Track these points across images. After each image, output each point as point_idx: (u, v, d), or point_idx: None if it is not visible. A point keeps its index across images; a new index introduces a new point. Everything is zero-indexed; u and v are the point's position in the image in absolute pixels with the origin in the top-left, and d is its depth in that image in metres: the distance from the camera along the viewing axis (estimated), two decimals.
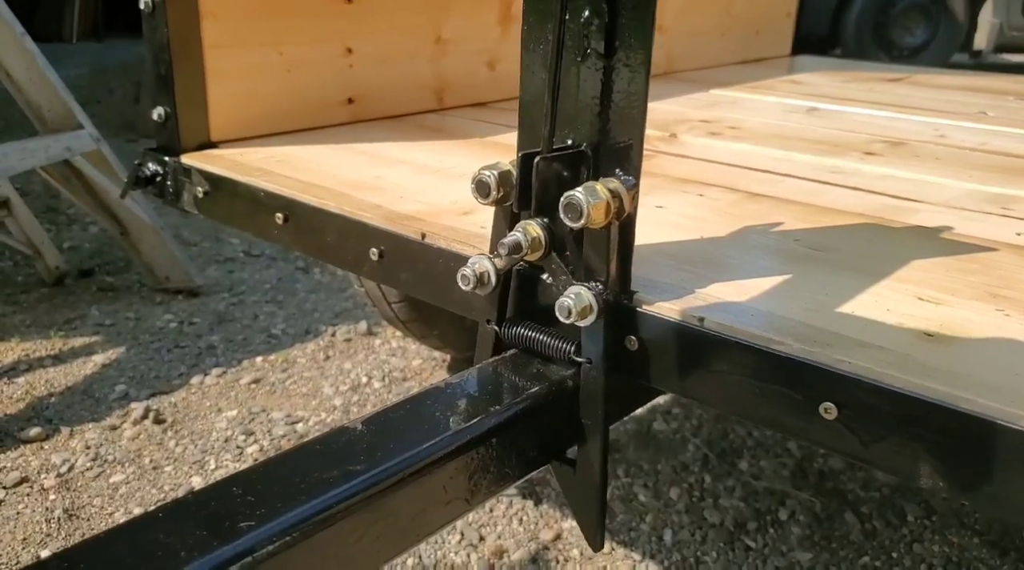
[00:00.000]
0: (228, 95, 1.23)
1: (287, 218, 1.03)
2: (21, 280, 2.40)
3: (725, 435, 1.75)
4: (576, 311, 0.67)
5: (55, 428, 1.65)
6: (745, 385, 0.66)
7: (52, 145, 2.10)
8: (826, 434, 0.62)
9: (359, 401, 1.84)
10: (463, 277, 0.72)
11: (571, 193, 0.65)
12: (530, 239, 0.72)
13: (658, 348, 0.70)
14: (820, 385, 0.61)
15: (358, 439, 0.60)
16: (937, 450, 0.57)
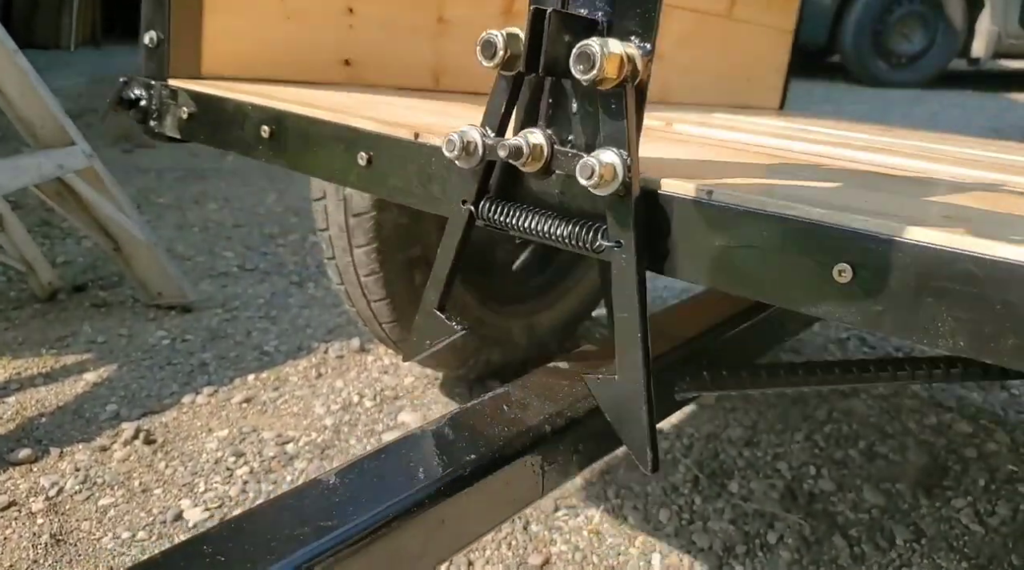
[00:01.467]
0: (224, 31, 1.22)
1: (273, 132, 1.03)
2: (14, 296, 2.40)
3: (716, 455, 1.75)
4: (599, 172, 0.64)
5: (45, 449, 1.65)
6: (757, 258, 0.64)
7: (44, 162, 2.10)
8: (839, 301, 0.60)
9: (350, 421, 1.84)
10: (448, 142, 0.70)
11: (585, 42, 0.63)
12: (531, 146, 0.69)
13: (664, 228, 0.68)
14: (835, 246, 0.59)
15: (331, 492, 0.60)
16: (959, 304, 0.55)
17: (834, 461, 1.75)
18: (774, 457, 1.75)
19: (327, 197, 1.64)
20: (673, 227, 0.67)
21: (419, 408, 1.91)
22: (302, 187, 3.78)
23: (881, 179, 0.88)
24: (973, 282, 0.53)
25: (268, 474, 1.62)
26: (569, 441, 0.69)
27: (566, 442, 0.69)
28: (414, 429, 0.70)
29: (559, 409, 0.70)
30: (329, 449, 1.72)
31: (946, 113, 6.63)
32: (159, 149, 4.30)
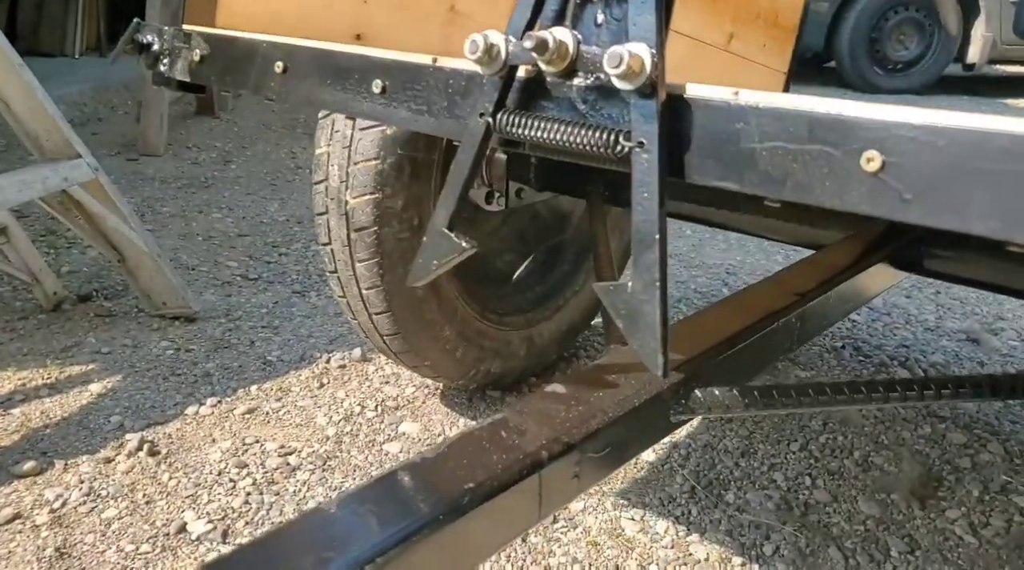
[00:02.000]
0: None
1: (286, 68, 1.03)
2: (19, 306, 2.42)
3: (713, 465, 1.77)
4: (627, 62, 0.64)
5: (49, 461, 1.67)
6: (779, 156, 0.64)
7: (50, 176, 2.12)
8: (867, 191, 0.60)
9: (352, 431, 1.86)
10: (471, 43, 0.71)
11: None
12: (557, 41, 0.70)
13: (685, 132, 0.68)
14: (863, 135, 0.60)
15: (332, 522, 0.62)
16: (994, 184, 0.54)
17: (829, 471, 1.77)
18: (770, 467, 1.77)
19: (329, 212, 1.66)
20: (698, 130, 0.67)
21: (420, 418, 1.93)
22: (304, 196, 3.80)
23: None
24: (1009, 160, 0.53)
25: (271, 485, 1.64)
26: (566, 466, 0.72)
27: (563, 467, 0.71)
28: (412, 457, 0.72)
29: (556, 435, 0.72)
30: (331, 460, 1.74)
31: None
32: (163, 158, 4.33)
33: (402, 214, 1.63)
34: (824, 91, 7.75)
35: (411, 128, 0.91)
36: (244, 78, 1.09)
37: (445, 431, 1.88)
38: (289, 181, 4.14)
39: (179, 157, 4.40)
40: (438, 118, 0.87)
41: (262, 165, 4.42)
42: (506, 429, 0.74)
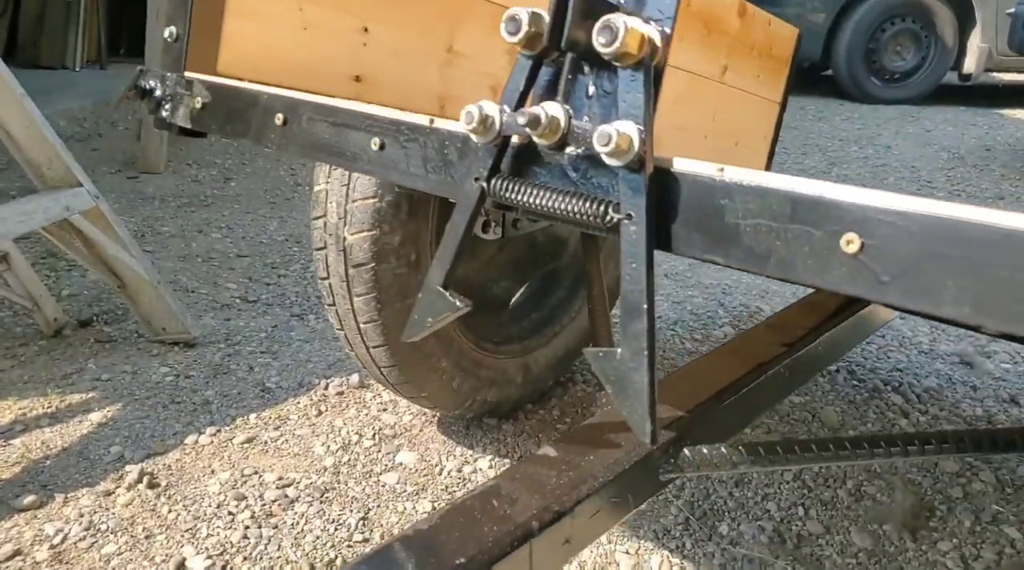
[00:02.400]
0: (242, 33, 1.26)
1: (287, 120, 1.06)
2: (20, 332, 2.44)
3: (707, 495, 1.79)
4: (616, 141, 0.67)
5: (50, 494, 1.69)
6: (763, 233, 0.66)
7: (51, 205, 2.15)
8: (847, 272, 0.62)
9: (349, 461, 1.88)
10: (467, 114, 0.74)
11: (609, 16, 0.67)
12: (549, 117, 0.73)
13: (672, 206, 0.70)
14: (843, 217, 0.62)
15: None
16: (963, 271, 0.57)
17: (822, 501, 1.79)
18: (764, 497, 1.79)
19: (328, 248, 1.68)
20: (684, 204, 0.70)
21: (417, 447, 1.95)
22: (303, 214, 3.82)
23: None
24: (979, 250, 0.55)
25: (269, 518, 1.66)
26: (557, 533, 0.73)
27: (554, 535, 0.73)
28: (405, 530, 0.74)
29: (547, 503, 0.73)
30: (329, 492, 1.76)
31: (939, 130, 6.68)
32: (163, 175, 4.35)
33: (399, 250, 1.65)
34: (822, 101, 7.78)
35: (408, 186, 0.93)
36: (245, 128, 1.11)
37: (442, 461, 1.90)
38: (288, 198, 4.17)
39: (179, 174, 4.43)
40: (434, 177, 0.90)
41: (262, 182, 4.44)
42: (498, 498, 0.76)
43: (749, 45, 2.26)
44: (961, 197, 4.86)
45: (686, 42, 2.02)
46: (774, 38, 2.32)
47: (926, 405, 2.26)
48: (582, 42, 0.69)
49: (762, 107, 2.44)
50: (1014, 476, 1.92)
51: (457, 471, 1.86)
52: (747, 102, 2.37)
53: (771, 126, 2.53)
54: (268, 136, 1.08)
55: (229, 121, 1.15)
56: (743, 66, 2.27)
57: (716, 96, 2.22)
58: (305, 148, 1.05)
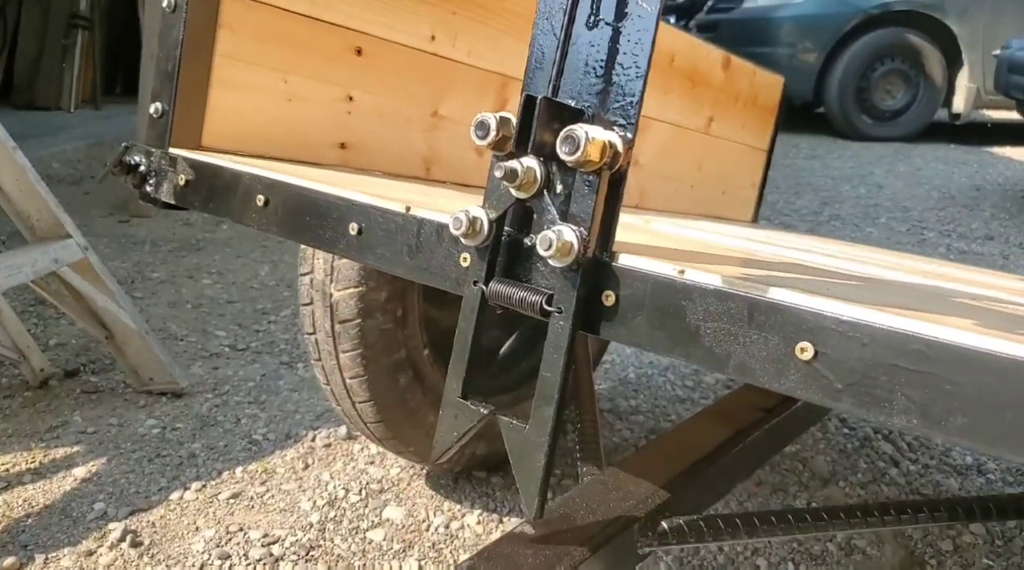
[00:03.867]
0: (227, 106, 1.28)
1: (267, 201, 1.06)
2: (5, 383, 2.43)
3: (696, 551, 1.77)
4: (556, 246, 0.70)
5: (30, 556, 1.67)
6: (722, 335, 0.67)
7: (39, 258, 2.15)
8: (800, 378, 0.63)
9: (335, 518, 1.86)
10: (455, 220, 0.75)
11: (572, 127, 0.69)
12: (525, 168, 0.74)
13: (635, 303, 0.72)
14: (797, 325, 0.63)
15: None
16: (912, 383, 0.58)
17: (812, 556, 1.77)
18: (753, 552, 1.78)
19: (314, 303, 1.68)
20: (647, 302, 0.72)
21: (404, 502, 1.93)
22: (294, 257, 3.83)
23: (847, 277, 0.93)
24: (924, 363, 0.57)
25: None
26: None
27: None
28: None
29: None
30: (314, 549, 1.74)
31: (930, 168, 6.74)
32: (155, 218, 4.37)
33: (385, 306, 1.65)
34: (815, 138, 7.86)
35: (386, 270, 0.94)
36: (227, 207, 1.12)
37: (429, 517, 1.88)
38: (280, 242, 4.17)
39: (170, 217, 4.44)
40: (411, 263, 0.91)
41: None
42: None
43: (734, 96, 2.30)
44: (951, 237, 4.89)
45: (672, 95, 2.05)
46: (759, 87, 2.36)
47: (916, 454, 2.26)
48: (547, 149, 0.71)
49: (749, 156, 2.47)
50: (1004, 529, 1.91)
51: (444, 527, 1.85)
52: (733, 151, 2.40)
53: (758, 174, 2.56)
54: (250, 216, 1.08)
55: (212, 199, 1.16)
56: (728, 117, 2.30)
57: (702, 147, 2.24)
58: (285, 230, 1.07)
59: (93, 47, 7.69)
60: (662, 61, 1.99)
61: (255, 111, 1.32)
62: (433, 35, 1.53)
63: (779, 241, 1.71)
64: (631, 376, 2.83)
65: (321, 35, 1.36)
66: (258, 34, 1.28)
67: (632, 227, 1.34)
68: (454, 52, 1.58)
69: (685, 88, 2.11)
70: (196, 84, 1.23)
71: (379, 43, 1.44)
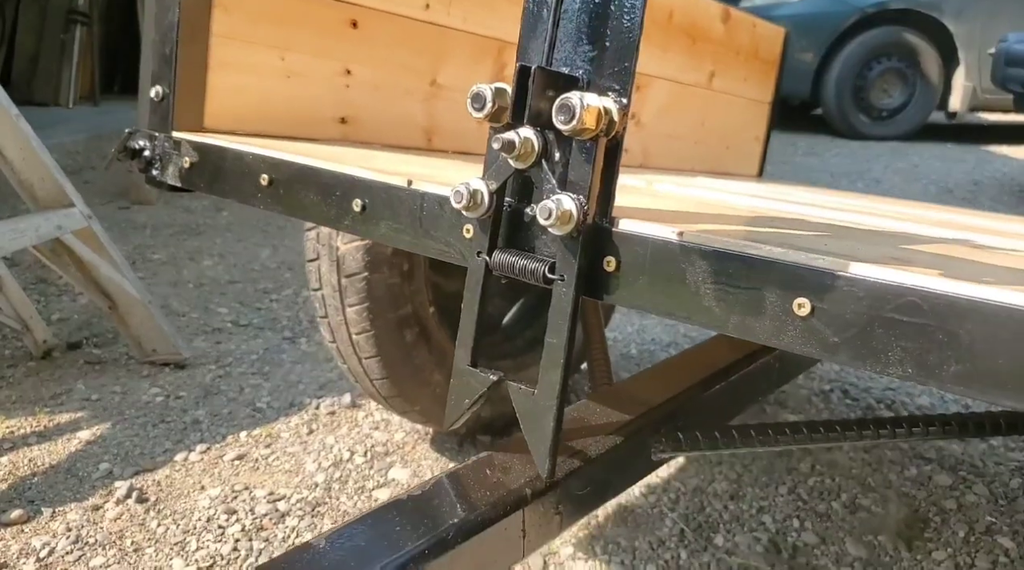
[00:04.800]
0: (227, 86, 1.28)
1: (271, 180, 1.07)
2: (8, 354, 2.42)
3: (702, 508, 1.78)
4: (556, 215, 0.70)
5: (37, 510, 1.66)
6: (721, 294, 0.68)
7: (43, 224, 2.15)
8: (798, 333, 0.64)
9: (341, 478, 1.86)
10: (456, 193, 0.75)
11: (567, 95, 0.69)
12: (522, 139, 0.74)
13: (636, 267, 0.73)
14: (794, 281, 0.64)
15: (321, 557, 0.64)
16: (907, 334, 0.59)
17: (817, 514, 1.78)
18: (759, 510, 1.78)
19: (320, 258, 1.69)
20: (646, 265, 0.72)
21: (409, 464, 1.93)
22: (296, 242, 3.84)
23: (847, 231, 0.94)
24: (918, 314, 0.58)
25: (260, 532, 1.64)
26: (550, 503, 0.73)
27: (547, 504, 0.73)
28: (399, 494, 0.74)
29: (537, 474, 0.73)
30: (320, 506, 1.74)
31: (927, 165, 6.77)
32: (155, 205, 4.37)
33: (392, 260, 1.65)
34: (813, 137, 7.89)
35: (391, 245, 0.95)
36: (232, 188, 1.13)
37: None
38: (281, 227, 4.18)
39: (171, 205, 4.44)
40: (415, 236, 0.92)
41: (254, 211, 4.46)
42: (491, 467, 0.76)
43: (735, 50, 2.30)
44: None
45: (672, 53, 2.06)
46: (760, 40, 2.37)
47: None
48: (543, 118, 0.72)
49: (752, 109, 2.48)
50: (1007, 489, 1.91)
51: None
52: (736, 105, 2.41)
53: (762, 127, 2.57)
54: (255, 196, 1.09)
55: (216, 180, 1.17)
56: (730, 71, 2.31)
57: (704, 103, 2.25)
58: (291, 208, 1.08)
59: (91, 43, 7.70)
60: (660, 17, 2.00)
61: (254, 90, 1.33)
62: (428, 3, 1.53)
63: (781, 196, 1.71)
64: (633, 352, 2.84)
65: (316, 9, 1.36)
66: (253, 12, 1.28)
67: (635, 190, 1.34)
68: (449, 19, 1.58)
69: (685, 44, 2.12)
70: (195, 66, 1.23)
71: (374, 14, 1.44)
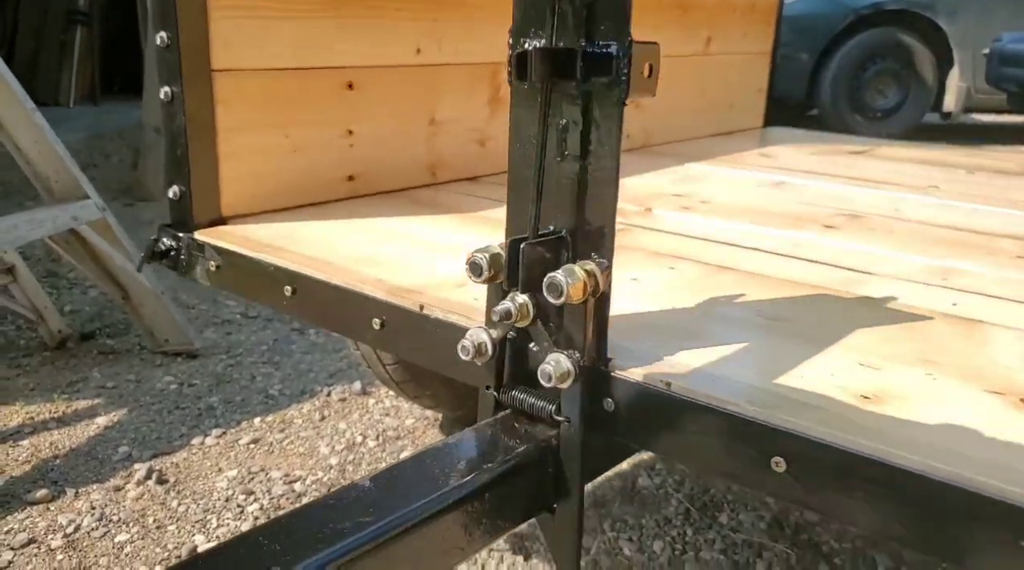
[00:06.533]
0: (238, 174, 1.34)
1: (295, 290, 1.12)
2: (24, 344, 2.47)
3: (706, 490, 1.82)
4: (556, 376, 0.76)
5: (60, 490, 1.71)
6: (707, 442, 0.75)
7: (59, 215, 2.19)
8: (778, 485, 0.71)
9: (354, 460, 1.91)
10: (463, 348, 0.80)
11: (553, 274, 0.75)
12: (518, 306, 0.80)
13: (631, 409, 0.80)
14: (771, 442, 0.70)
15: (367, 494, 0.69)
16: (869, 498, 0.66)
17: None
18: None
19: None
20: (641, 409, 0.79)
21: (420, 447, 1.98)
22: None
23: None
24: (881, 481, 0.64)
25: (278, 510, 1.68)
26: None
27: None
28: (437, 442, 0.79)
29: None
30: (336, 487, 1.78)
31: None
32: (160, 202, 4.41)
33: None
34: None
35: (411, 360, 1.00)
36: (259, 293, 1.19)
37: None
38: None
39: None
40: (432, 358, 0.98)
41: None
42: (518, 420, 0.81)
43: (731, 8, 2.35)
44: None
45: (664, 30, 2.10)
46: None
47: None
48: (536, 285, 0.77)
49: (753, 62, 2.53)
50: None
51: None
52: (736, 63, 2.45)
53: (764, 77, 2.62)
54: (281, 303, 1.14)
55: (243, 285, 1.22)
56: (727, 31, 2.35)
57: (703, 70, 2.30)
58: (316, 319, 1.14)
59: (91, 43, 7.73)
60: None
61: (264, 171, 1.38)
62: (419, 48, 1.56)
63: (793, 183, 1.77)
64: None
65: (312, 82, 1.41)
66: (254, 99, 1.33)
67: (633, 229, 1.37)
68: (441, 56, 1.61)
69: (676, 17, 2.15)
70: (206, 163, 1.28)
71: (368, 72, 1.48)
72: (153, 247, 1.31)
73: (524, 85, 0.78)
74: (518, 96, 0.80)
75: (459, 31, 1.63)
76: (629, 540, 1.63)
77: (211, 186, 1.30)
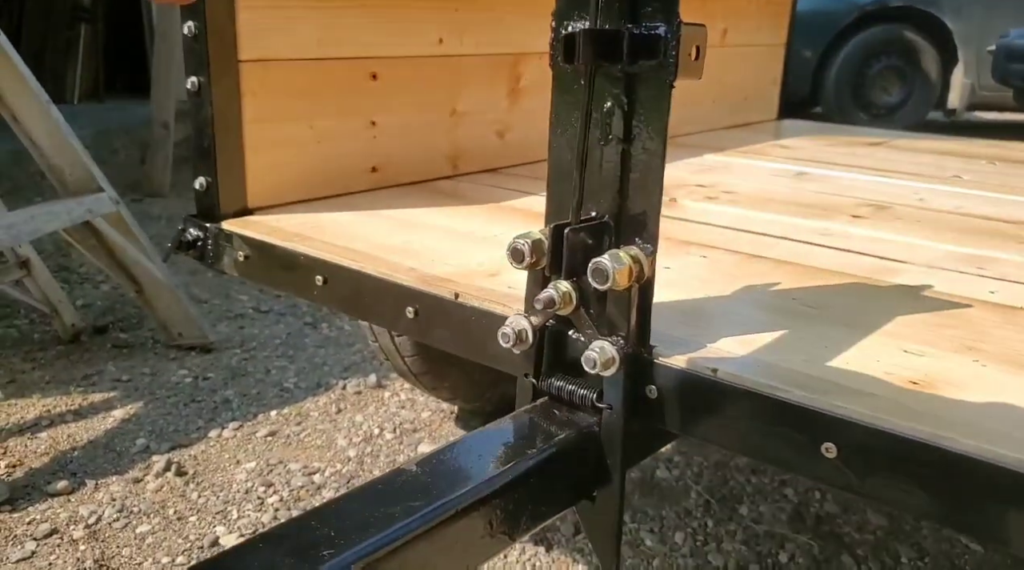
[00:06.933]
0: (264, 165, 1.33)
1: (326, 280, 1.12)
2: (38, 337, 2.47)
3: (725, 482, 1.82)
4: (600, 363, 0.76)
5: (80, 481, 1.71)
6: (754, 428, 0.74)
7: (75, 208, 2.19)
8: (827, 471, 0.70)
9: (372, 452, 1.90)
10: (503, 335, 0.80)
11: (598, 259, 0.74)
12: (561, 294, 0.79)
13: (675, 396, 0.79)
14: (821, 427, 0.70)
15: (414, 479, 0.69)
16: (923, 483, 0.65)
17: None
18: (780, 483, 1.83)
19: None
20: (685, 397, 0.78)
21: (437, 440, 1.98)
22: None
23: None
24: (933, 465, 0.64)
25: (298, 502, 1.68)
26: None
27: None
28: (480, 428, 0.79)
29: None
30: (355, 478, 1.78)
31: None
32: (168, 198, 4.41)
33: None
34: None
35: (446, 349, 1.00)
36: (289, 283, 1.17)
37: None
38: None
39: (184, 197, 4.47)
40: (467, 346, 0.97)
41: None
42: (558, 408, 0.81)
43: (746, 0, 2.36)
44: None
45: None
46: None
47: None
48: (580, 271, 0.77)
49: (767, 55, 2.53)
50: None
51: None
52: (751, 56, 2.46)
53: (778, 69, 2.62)
54: (311, 293, 1.13)
55: (273, 275, 1.21)
56: (743, 23, 2.36)
57: (719, 62, 2.30)
58: (348, 308, 1.12)
59: (96, 40, 7.73)
60: None
61: (289, 162, 1.37)
62: (441, 38, 1.56)
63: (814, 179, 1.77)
64: None
65: (336, 72, 1.40)
66: (280, 90, 1.32)
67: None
68: (462, 47, 1.61)
69: (694, 9, 2.16)
70: (232, 154, 1.28)
71: (391, 62, 1.48)
72: (180, 237, 1.30)
73: (568, 68, 0.78)
74: (560, 79, 0.80)
75: (481, 22, 1.63)
76: (650, 531, 1.63)
77: (238, 176, 1.30)
